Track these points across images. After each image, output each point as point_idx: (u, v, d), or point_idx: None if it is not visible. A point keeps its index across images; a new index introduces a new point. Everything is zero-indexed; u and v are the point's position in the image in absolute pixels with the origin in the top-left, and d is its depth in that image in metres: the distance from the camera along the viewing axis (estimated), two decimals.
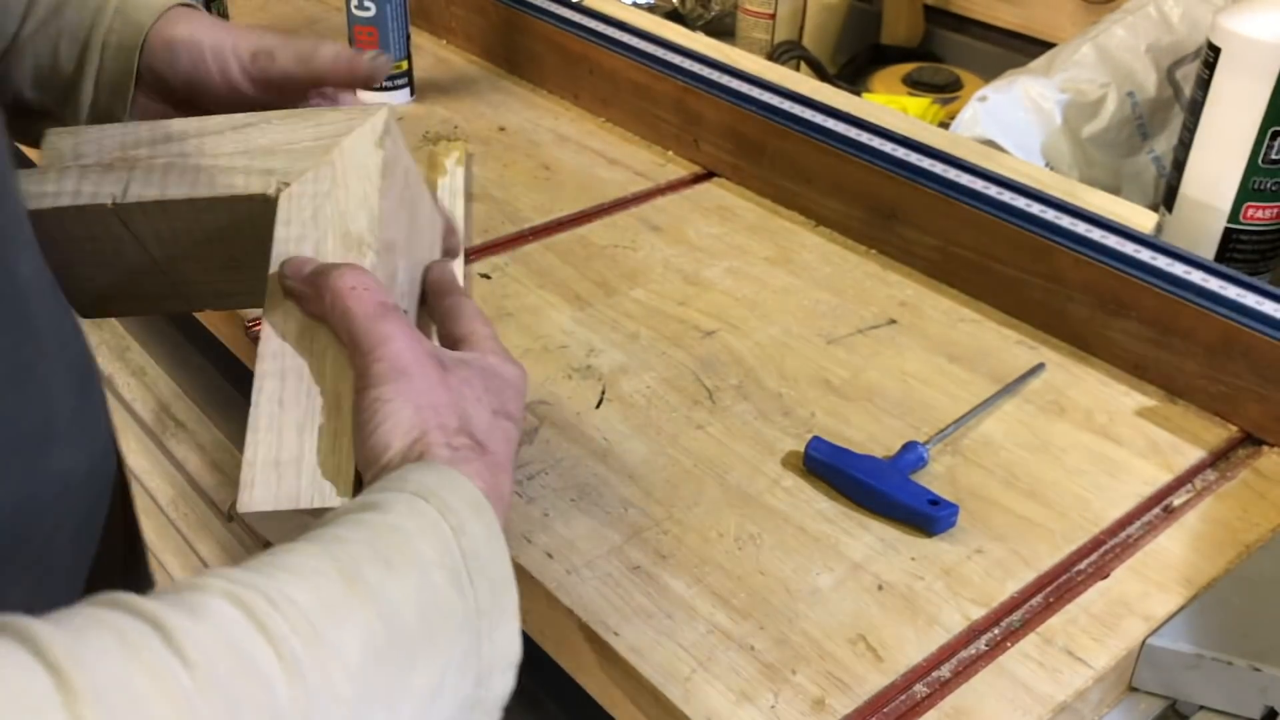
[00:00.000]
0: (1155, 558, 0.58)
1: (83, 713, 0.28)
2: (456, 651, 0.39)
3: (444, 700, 0.39)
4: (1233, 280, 0.68)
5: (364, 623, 0.36)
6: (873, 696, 0.50)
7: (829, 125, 0.84)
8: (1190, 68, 1.01)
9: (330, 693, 0.34)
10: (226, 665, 0.32)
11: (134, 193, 0.54)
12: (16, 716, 0.28)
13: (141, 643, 0.31)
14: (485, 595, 0.41)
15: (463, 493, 0.42)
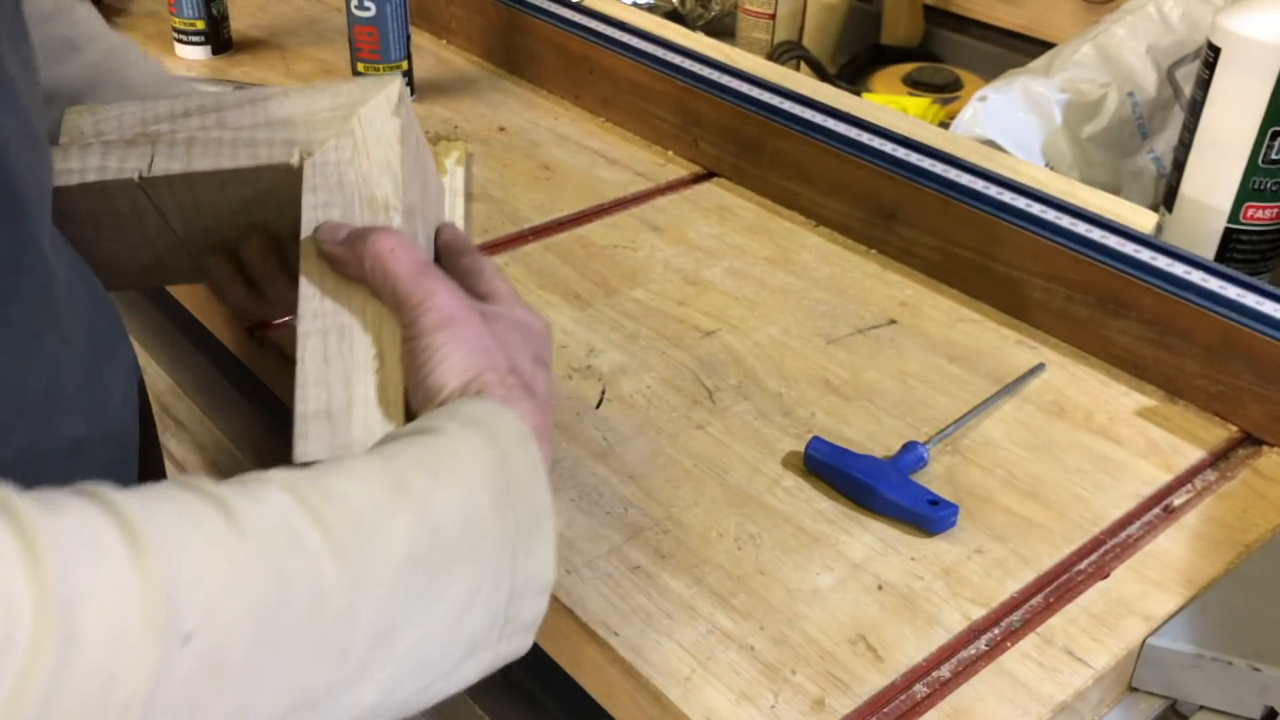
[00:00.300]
0: (1155, 558, 0.58)
1: (145, 560, 0.32)
2: (493, 567, 0.42)
3: (477, 610, 0.42)
4: (1233, 280, 0.68)
5: (409, 525, 0.39)
6: (873, 696, 0.50)
7: (829, 125, 0.84)
8: (1190, 68, 1.01)
9: (373, 580, 0.38)
10: (279, 541, 0.36)
11: (159, 166, 0.55)
12: (88, 557, 0.31)
13: (203, 514, 0.35)
14: (524, 520, 0.43)
15: (511, 426, 0.45)
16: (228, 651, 0.34)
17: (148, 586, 0.32)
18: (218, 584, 0.34)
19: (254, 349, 0.74)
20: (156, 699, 0.32)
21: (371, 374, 0.49)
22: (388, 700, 0.40)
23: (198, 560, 0.34)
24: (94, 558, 0.32)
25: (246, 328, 0.73)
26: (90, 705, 0.31)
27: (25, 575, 0.30)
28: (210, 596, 0.34)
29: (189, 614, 0.33)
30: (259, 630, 0.35)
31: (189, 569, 0.33)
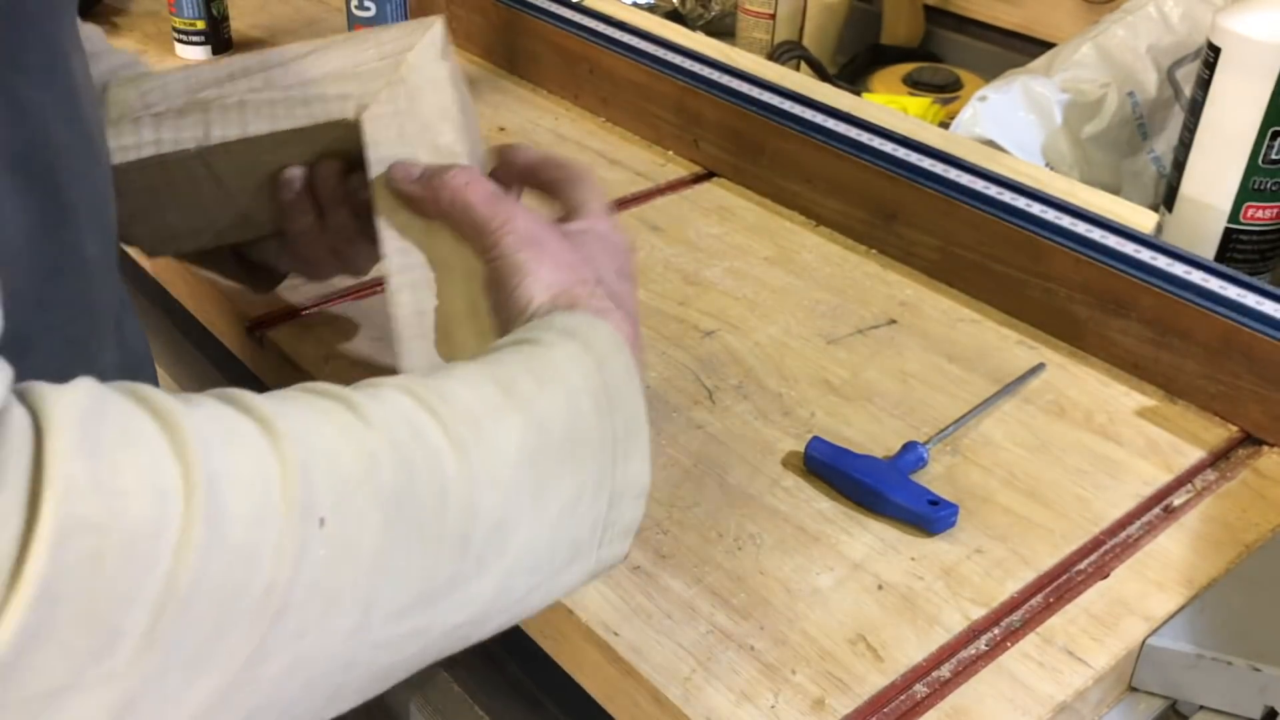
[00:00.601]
0: (1155, 558, 0.58)
1: (281, 445, 0.34)
2: (595, 469, 0.43)
3: (582, 510, 0.43)
4: (1233, 280, 0.68)
5: (519, 426, 0.41)
6: (873, 696, 0.50)
7: (829, 125, 0.84)
8: (1190, 68, 1.01)
9: (489, 476, 0.39)
10: (404, 433, 0.37)
11: (216, 135, 0.55)
12: (227, 442, 0.33)
13: (331, 408, 0.37)
14: (621, 425, 0.45)
15: (605, 334, 0.47)
16: (359, 537, 0.35)
17: (285, 469, 0.33)
18: (349, 471, 0.35)
19: (254, 349, 0.74)
20: (296, 583, 0.33)
21: (468, 322, 0.50)
22: (501, 597, 0.41)
23: (330, 447, 0.35)
24: (233, 442, 0.33)
25: (247, 327, 0.73)
26: (236, 585, 0.32)
27: (170, 456, 0.31)
28: (343, 482, 0.35)
29: (324, 498, 0.34)
30: (387, 518, 0.36)
31: (323, 455, 0.35)
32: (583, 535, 0.44)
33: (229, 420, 0.34)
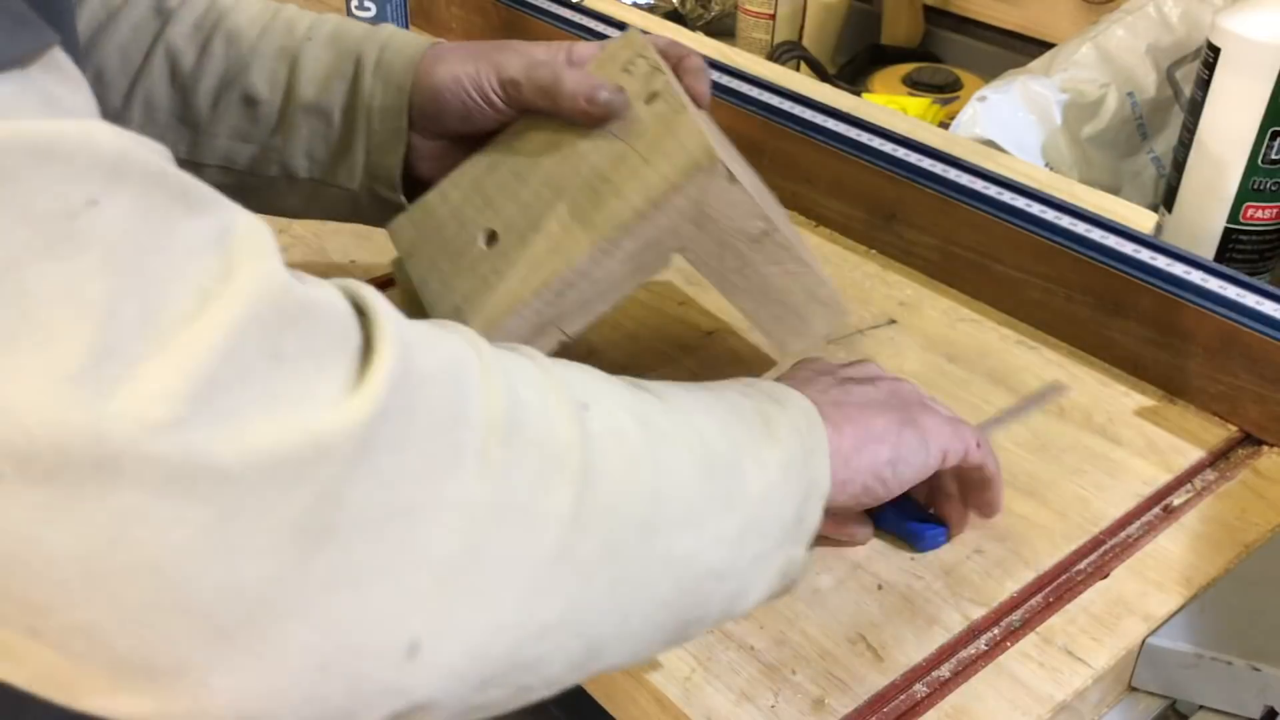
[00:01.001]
0: (1155, 558, 0.58)
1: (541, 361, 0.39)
2: (795, 450, 0.46)
3: (790, 486, 0.45)
4: (1233, 280, 0.68)
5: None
6: (873, 696, 0.50)
7: (829, 125, 0.84)
8: (1190, 68, 1.01)
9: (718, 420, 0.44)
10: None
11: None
12: (507, 352, 0.38)
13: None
14: (808, 434, 0.48)
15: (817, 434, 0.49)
16: (624, 428, 0.39)
17: (543, 371, 0.38)
18: (599, 386, 0.40)
19: None
20: (589, 446, 0.36)
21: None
22: (738, 550, 0.43)
23: (525, 372, 0.38)
24: (498, 349, 0.37)
25: None
26: (541, 434, 0.35)
27: (465, 344, 0.36)
28: (595, 388, 0.40)
29: (581, 393, 0.38)
30: (639, 422, 0.40)
31: (519, 379, 0.37)
32: (786, 518, 0.45)
33: (445, 339, 0.37)
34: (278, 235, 0.31)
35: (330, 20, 0.62)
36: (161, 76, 0.60)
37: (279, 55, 0.60)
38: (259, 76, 0.60)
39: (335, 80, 0.60)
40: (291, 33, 0.61)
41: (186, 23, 0.60)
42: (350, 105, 0.60)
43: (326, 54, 0.60)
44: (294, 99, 0.60)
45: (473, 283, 0.57)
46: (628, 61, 0.58)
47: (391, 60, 0.60)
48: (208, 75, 0.60)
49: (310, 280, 0.32)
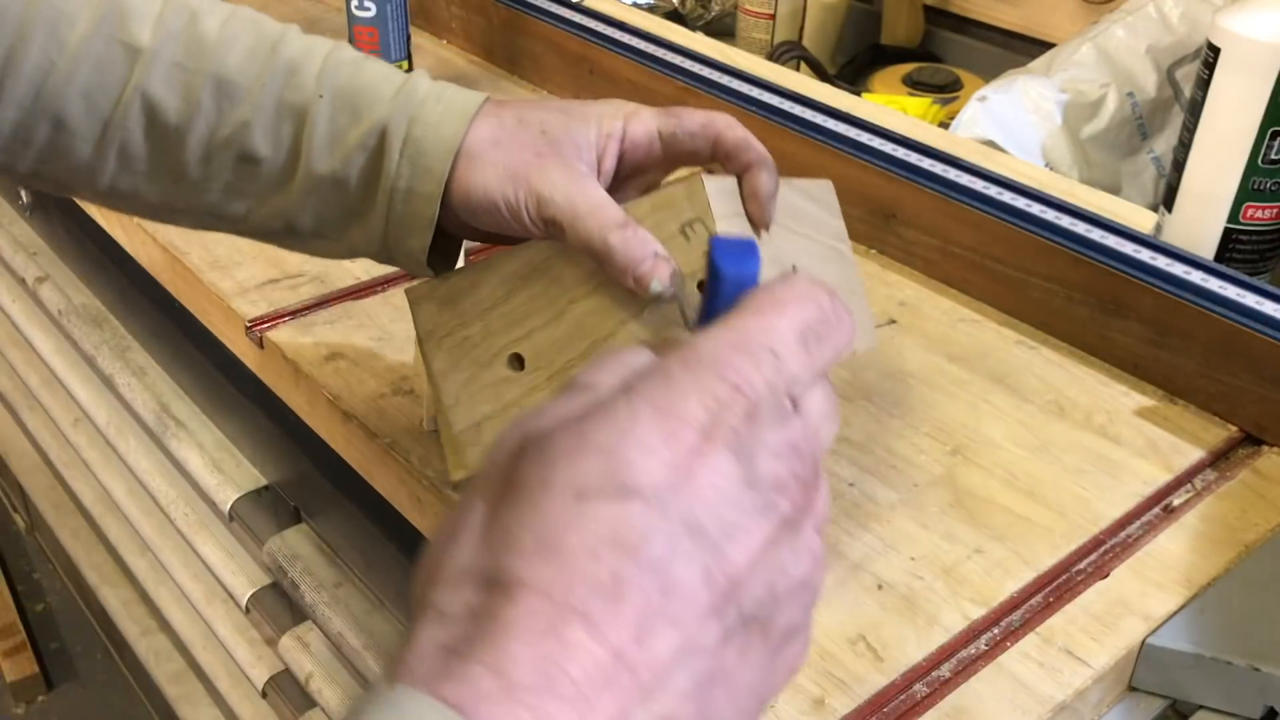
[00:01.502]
0: (1155, 558, 0.58)
1: None
2: None
3: None
4: (1233, 280, 0.68)
5: None
6: (873, 696, 0.50)
7: (829, 125, 0.84)
8: (1190, 68, 1.01)
9: None
10: None
11: None
12: None
13: None
14: None
15: None
16: None
17: None
18: None
19: (254, 349, 0.74)
20: None
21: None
22: None
23: None
24: None
25: (247, 327, 0.73)
26: None
27: None
28: None
29: None
30: None
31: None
32: None
33: None
34: None
35: (339, 64, 0.53)
36: (137, 126, 0.52)
37: (283, 112, 0.52)
38: (260, 136, 0.52)
39: (355, 152, 0.52)
40: (295, 84, 0.52)
41: (164, 62, 0.51)
42: (371, 181, 0.52)
43: (343, 117, 0.52)
44: (303, 163, 0.52)
45: (495, 406, 0.54)
46: (687, 223, 0.50)
47: (422, 138, 0.51)
48: (195, 130, 0.52)
49: None
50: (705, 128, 0.52)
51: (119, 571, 1.43)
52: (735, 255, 0.36)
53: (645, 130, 0.52)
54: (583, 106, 0.53)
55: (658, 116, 0.53)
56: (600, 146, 0.52)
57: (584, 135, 0.51)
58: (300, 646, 0.89)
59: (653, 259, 0.48)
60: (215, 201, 0.54)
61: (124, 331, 1.08)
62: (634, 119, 0.52)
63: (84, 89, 0.51)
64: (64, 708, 1.69)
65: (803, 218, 0.57)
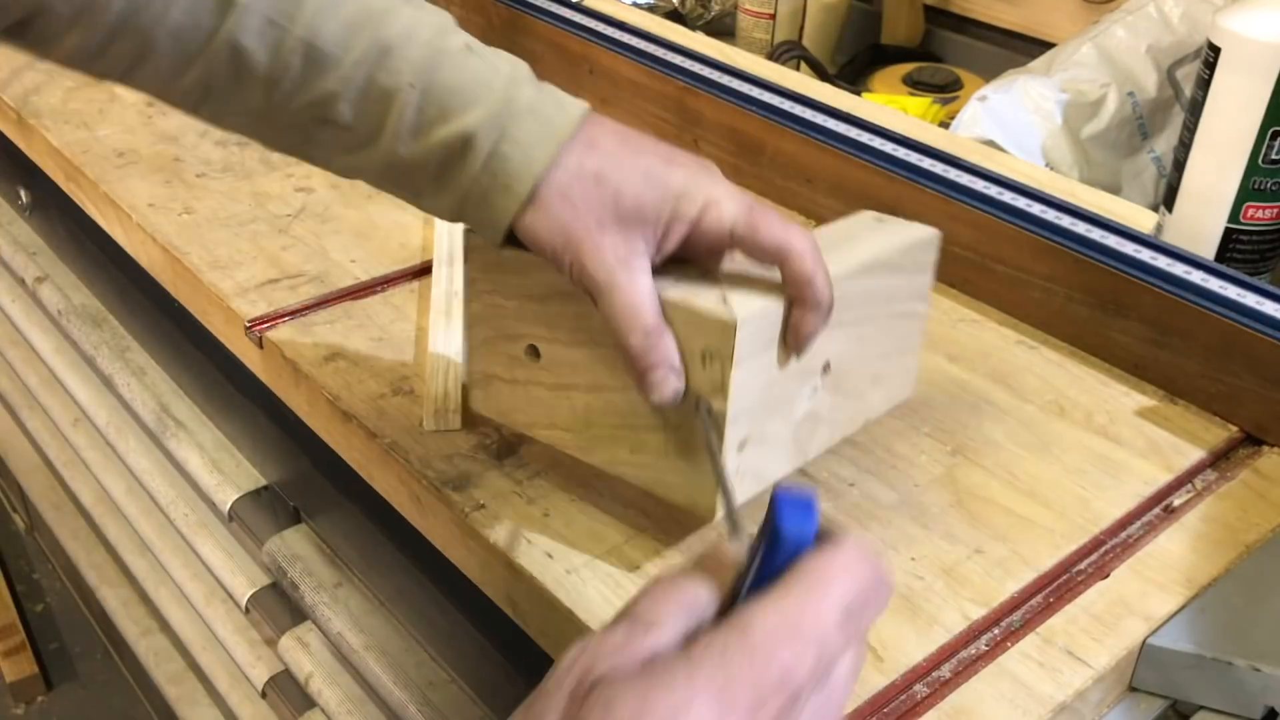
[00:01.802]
0: (1155, 558, 0.58)
1: None
2: None
3: None
4: (1233, 280, 0.68)
5: None
6: (873, 696, 0.50)
7: (829, 125, 0.84)
8: (1190, 68, 1.01)
9: None
10: None
11: None
12: None
13: None
14: None
15: None
16: None
17: None
18: None
19: (254, 349, 0.74)
20: None
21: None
22: None
23: None
24: None
25: (246, 327, 0.73)
26: None
27: None
28: None
29: None
30: None
31: None
32: None
33: None
34: (276, 235, 0.31)
35: (440, 54, 0.51)
36: (224, 66, 0.51)
37: (371, 91, 0.51)
38: (346, 107, 0.51)
39: (438, 149, 0.51)
40: (389, 66, 0.51)
41: (257, 15, 0.50)
42: (449, 178, 0.52)
43: (431, 111, 0.51)
44: (384, 141, 0.52)
45: (506, 375, 0.58)
46: (709, 352, 0.50)
47: (509, 156, 0.50)
48: (281, 87, 0.52)
49: None
50: (777, 251, 0.50)
51: (119, 572, 1.43)
52: (796, 515, 0.37)
53: (719, 227, 0.50)
54: (667, 172, 0.51)
55: (738, 215, 0.50)
56: (668, 225, 0.51)
57: (655, 212, 0.50)
58: (300, 647, 0.89)
59: (663, 371, 0.50)
60: (293, 142, 0.54)
61: (123, 331, 1.08)
62: (712, 209, 0.50)
63: (173, 29, 0.50)
64: (64, 708, 1.69)
65: (871, 299, 0.58)
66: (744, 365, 0.50)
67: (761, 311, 0.50)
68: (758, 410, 0.53)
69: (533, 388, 0.58)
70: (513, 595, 0.58)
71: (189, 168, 0.90)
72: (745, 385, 0.51)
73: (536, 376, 0.57)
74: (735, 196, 0.51)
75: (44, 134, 0.95)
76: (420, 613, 0.78)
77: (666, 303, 0.50)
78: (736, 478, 0.53)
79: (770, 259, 0.51)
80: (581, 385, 0.55)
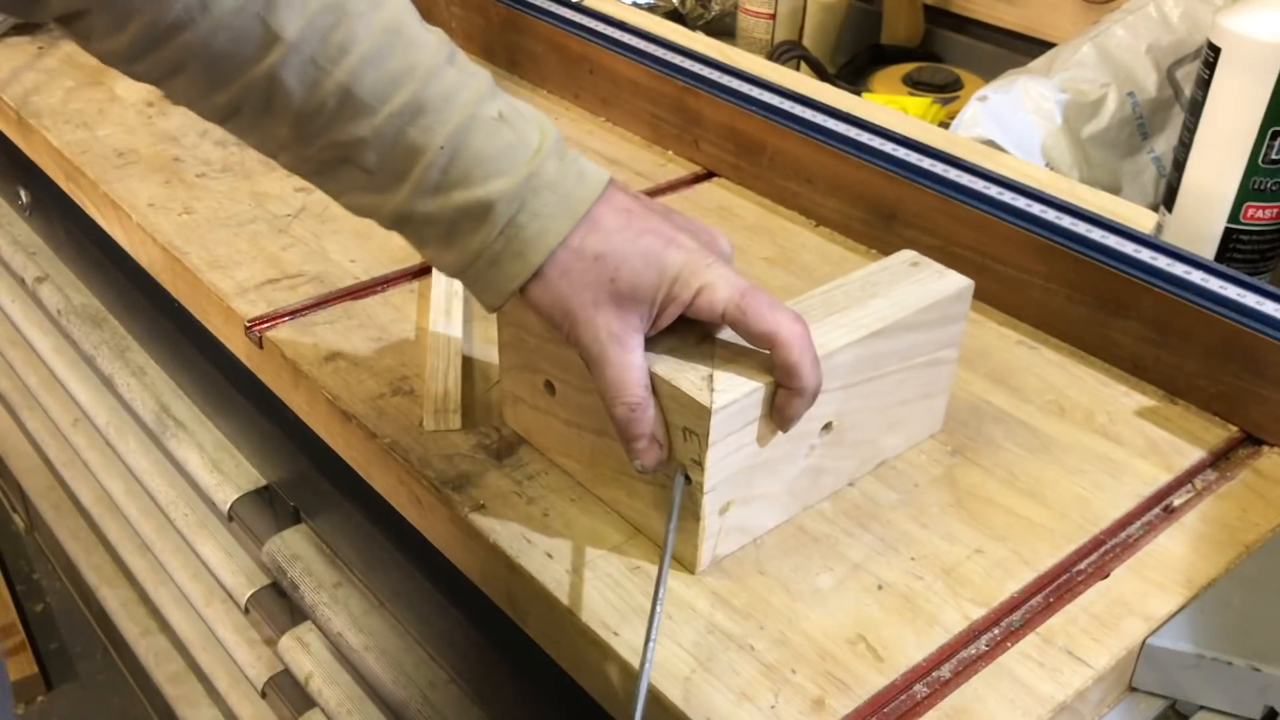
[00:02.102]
0: (1155, 558, 0.58)
1: None
2: None
3: None
4: (1233, 280, 0.68)
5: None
6: (873, 696, 0.50)
7: (829, 125, 0.84)
8: (1190, 68, 1.01)
9: None
10: None
11: None
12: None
13: None
14: None
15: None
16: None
17: None
18: None
19: (253, 349, 0.74)
20: None
21: None
22: None
23: None
24: None
25: (246, 327, 0.73)
26: None
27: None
28: None
29: None
30: None
31: None
32: None
33: None
34: (276, 236, 0.31)
35: (475, 122, 0.52)
36: (258, 95, 0.52)
37: (401, 145, 0.52)
38: (372, 155, 0.52)
39: (457, 211, 0.52)
40: (423, 124, 0.51)
41: (301, 56, 0.50)
42: (462, 239, 0.53)
43: (456, 174, 0.52)
44: (403, 192, 0.52)
45: (529, 400, 0.61)
46: (689, 429, 0.53)
47: (526, 226, 0.52)
48: (312, 122, 0.52)
49: None
50: (764, 339, 0.52)
51: (119, 572, 1.43)
52: None
53: (711, 311, 0.52)
54: (665, 255, 0.52)
55: (730, 301, 0.51)
56: (663, 306, 0.52)
57: (650, 293, 0.52)
58: (300, 646, 0.89)
59: (644, 442, 0.53)
60: (308, 171, 0.55)
61: (123, 331, 1.08)
62: (705, 294, 0.52)
63: (216, 52, 0.51)
64: (64, 708, 1.69)
65: (885, 359, 0.58)
66: (721, 444, 0.52)
67: (743, 394, 0.52)
68: (741, 478, 0.55)
69: (550, 418, 0.61)
70: (513, 595, 0.58)
71: (189, 168, 0.90)
72: (725, 460, 0.53)
73: (553, 409, 0.60)
74: (729, 281, 0.52)
75: (44, 134, 0.95)
76: (420, 613, 0.78)
77: (654, 376, 0.53)
78: (721, 535, 0.56)
79: (759, 344, 0.52)
80: (589, 427, 0.58)
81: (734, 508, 0.55)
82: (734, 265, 0.54)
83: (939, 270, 0.61)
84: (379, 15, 0.51)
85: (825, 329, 0.56)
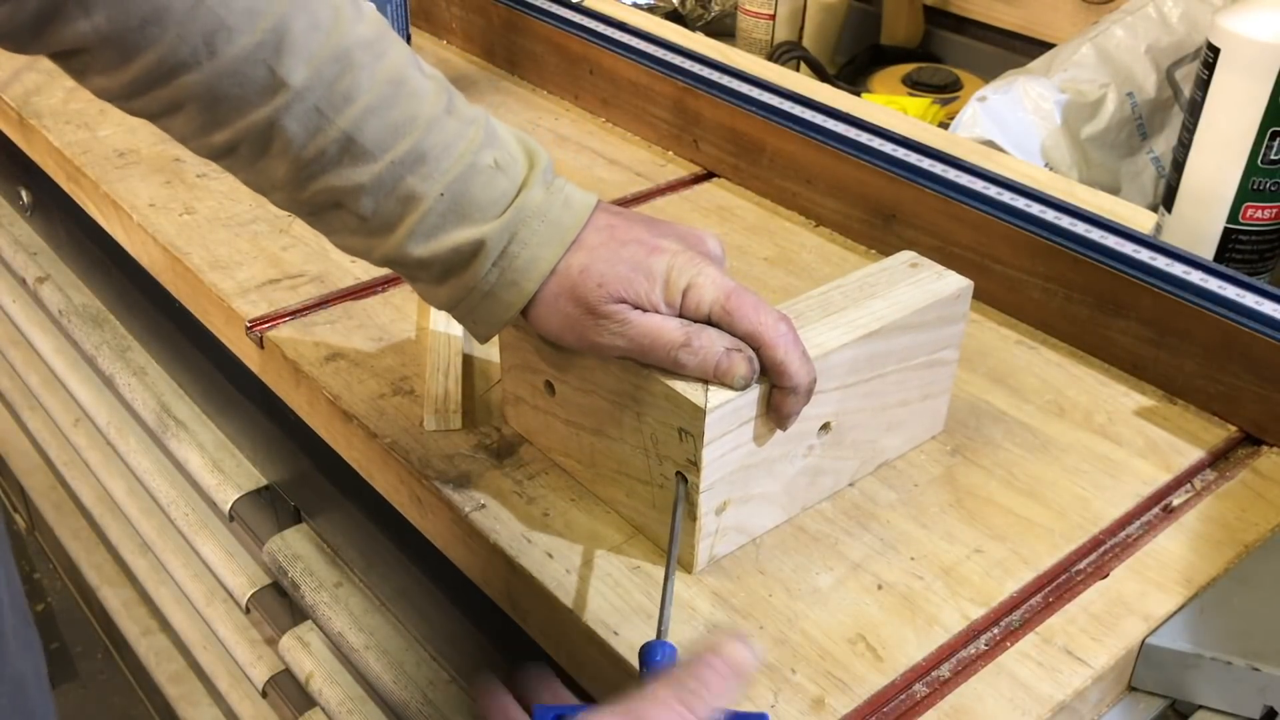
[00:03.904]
0: (1154, 557, 0.58)
1: None
2: None
3: None
4: (1232, 280, 0.68)
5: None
6: (872, 696, 0.50)
7: (829, 125, 0.85)
8: (1190, 68, 1.01)
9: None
10: None
11: None
12: None
13: None
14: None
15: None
16: None
17: None
18: None
19: (254, 349, 0.74)
20: None
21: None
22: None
23: None
24: None
25: (247, 327, 0.73)
26: None
27: None
28: None
29: None
30: None
31: None
32: None
33: None
34: (277, 236, 0.31)
35: (473, 171, 0.53)
36: (257, 137, 0.52)
37: (399, 192, 0.52)
38: (369, 202, 0.52)
39: (450, 251, 0.53)
40: (423, 173, 0.52)
41: (306, 102, 0.51)
42: (455, 275, 0.54)
43: (452, 218, 0.52)
44: (397, 237, 0.53)
45: (530, 400, 0.62)
46: (685, 430, 0.53)
47: (517, 255, 0.52)
48: (310, 167, 0.52)
49: None
50: (750, 338, 0.52)
51: (119, 571, 1.43)
52: None
53: (698, 310, 0.52)
54: (650, 260, 0.52)
55: (715, 301, 0.52)
56: (653, 308, 0.53)
57: (641, 299, 0.53)
58: (300, 646, 0.89)
59: (725, 357, 0.52)
60: (301, 212, 0.56)
61: (124, 331, 1.08)
62: (693, 294, 0.52)
63: (218, 94, 0.51)
64: (64, 708, 1.69)
65: (882, 359, 0.58)
66: (716, 444, 0.53)
67: (737, 393, 0.52)
68: (738, 477, 0.55)
69: (550, 418, 0.61)
70: (513, 595, 0.58)
71: (190, 168, 0.90)
72: (721, 460, 0.53)
73: (553, 409, 0.60)
74: (715, 282, 0.52)
75: (45, 134, 0.95)
76: (420, 613, 0.78)
77: (651, 377, 0.53)
78: (718, 534, 0.56)
79: (746, 343, 0.53)
80: (588, 428, 0.58)
81: (731, 507, 0.55)
82: (726, 265, 0.55)
83: (938, 271, 0.61)
84: (382, 66, 0.52)
85: (822, 330, 0.56)
